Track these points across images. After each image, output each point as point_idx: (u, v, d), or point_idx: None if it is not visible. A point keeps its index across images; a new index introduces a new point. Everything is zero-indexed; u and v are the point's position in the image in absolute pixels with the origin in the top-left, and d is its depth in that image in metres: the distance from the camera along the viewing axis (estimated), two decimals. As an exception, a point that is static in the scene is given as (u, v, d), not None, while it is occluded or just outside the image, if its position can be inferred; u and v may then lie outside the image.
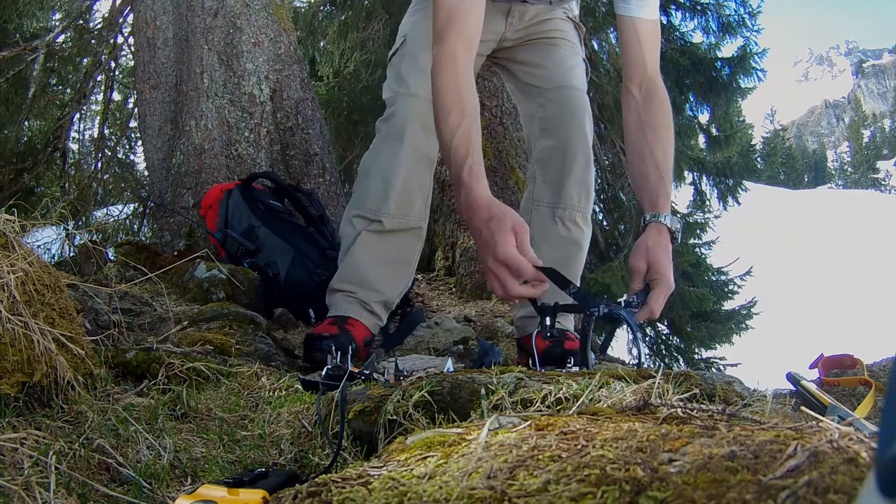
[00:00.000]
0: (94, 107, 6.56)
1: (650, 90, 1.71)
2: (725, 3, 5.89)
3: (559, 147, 1.90)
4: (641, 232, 1.60)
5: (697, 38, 6.04)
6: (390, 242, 1.87)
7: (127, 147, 6.23)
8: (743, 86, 5.93)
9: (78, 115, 5.92)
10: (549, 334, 1.51)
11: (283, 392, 1.25)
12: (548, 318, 1.50)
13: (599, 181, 5.58)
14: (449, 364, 1.28)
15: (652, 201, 1.60)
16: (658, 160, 1.63)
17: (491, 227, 1.32)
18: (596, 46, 5.67)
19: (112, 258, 2.83)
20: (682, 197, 6.75)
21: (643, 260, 1.51)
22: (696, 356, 6.42)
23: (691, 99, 6.03)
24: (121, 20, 5.29)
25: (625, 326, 1.44)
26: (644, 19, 1.71)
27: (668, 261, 1.51)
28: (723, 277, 6.79)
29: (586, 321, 1.42)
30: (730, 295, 6.71)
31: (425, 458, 0.55)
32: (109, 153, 5.98)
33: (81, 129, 6.80)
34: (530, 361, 1.66)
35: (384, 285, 1.89)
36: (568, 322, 1.95)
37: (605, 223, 5.74)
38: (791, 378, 1.19)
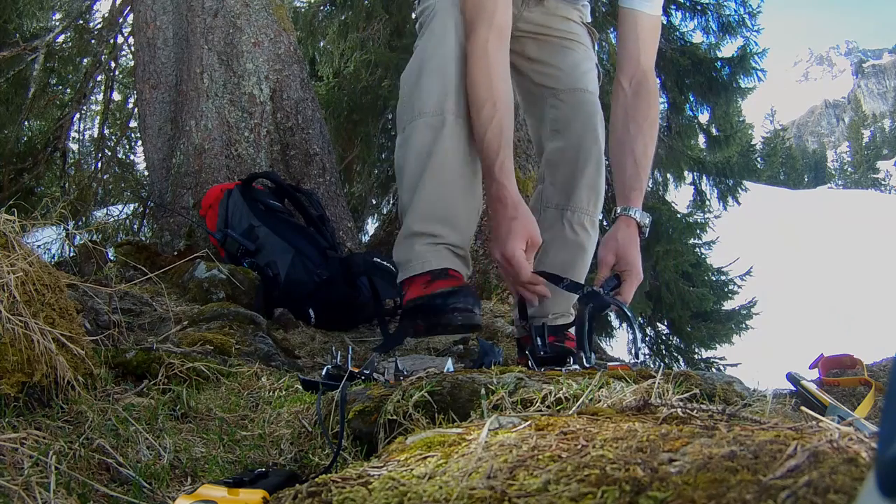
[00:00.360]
0: (94, 107, 6.56)
1: (640, 84, 1.71)
2: (725, 3, 5.91)
3: (570, 149, 1.85)
4: (611, 224, 1.64)
5: (697, 38, 6.06)
6: (462, 147, 1.59)
7: (127, 147, 6.24)
8: (743, 86, 5.94)
9: (78, 115, 5.92)
10: (542, 353, 1.50)
11: (283, 392, 1.25)
12: (539, 339, 1.52)
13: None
14: (449, 364, 1.27)
15: (625, 195, 1.64)
16: (637, 154, 1.65)
17: (510, 227, 1.40)
18: (596, 46, 5.68)
19: (112, 258, 2.83)
20: (682, 197, 6.76)
21: (612, 253, 1.58)
22: (696, 356, 6.43)
23: (691, 99, 6.04)
24: (121, 20, 5.29)
25: (623, 325, 1.48)
26: (646, 13, 1.70)
27: (637, 253, 1.58)
28: (723, 277, 6.80)
29: (581, 309, 1.46)
30: (730, 295, 6.72)
31: (425, 458, 0.55)
32: (109, 153, 5.99)
33: (81, 129, 6.81)
34: (530, 362, 1.67)
35: (469, 219, 1.62)
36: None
37: (604, 223, 5.74)
38: (791, 378, 1.19)
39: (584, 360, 1.39)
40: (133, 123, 5.98)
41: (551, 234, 1.83)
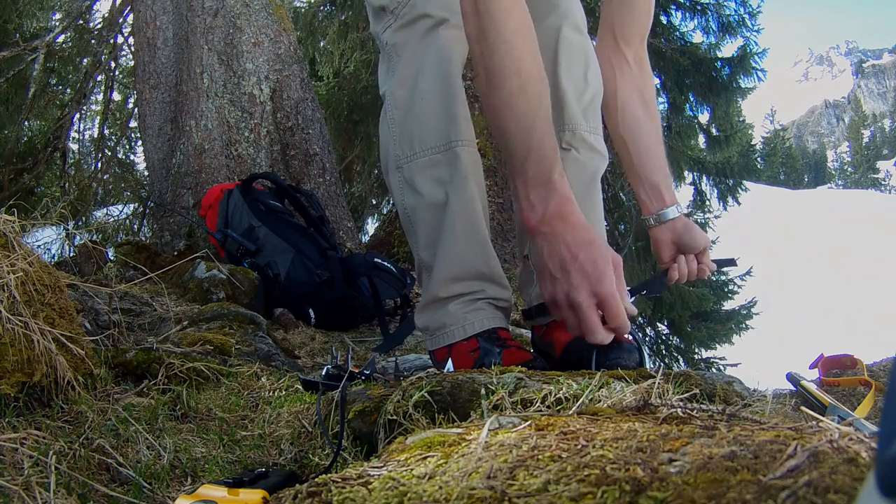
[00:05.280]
0: (94, 107, 6.57)
1: (642, 60, 1.52)
2: (725, 3, 5.91)
3: (546, 48, 1.41)
4: (657, 225, 1.45)
5: (697, 38, 6.07)
6: (479, 181, 1.35)
7: (127, 147, 6.25)
8: (743, 86, 5.95)
9: (78, 115, 5.93)
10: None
11: (283, 392, 1.25)
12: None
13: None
14: (449, 364, 1.27)
15: (667, 193, 1.46)
16: (661, 147, 1.50)
17: (594, 255, 1.05)
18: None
19: (112, 258, 2.83)
20: (682, 197, 6.76)
21: (674, 249, 1.45)
22: (696, 356, 6.43)
23: (691, 99, 6.04)
24: (121, 20, 5.29)
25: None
26: None
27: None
28: (723, 277, 6.80)
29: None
30: (730, 295, 6.73)
31: (425, 458, 0.55)
32: (109, 153, 6.00)
33: (81, 129, 6.82)
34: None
35: (497, 263, 1.35)
36: None
37: (605, 223, 5.75)
38: (791, 378, 1.19)
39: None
40: (133, 123, 5.99)
41: None
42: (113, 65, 5.85)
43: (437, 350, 1.35)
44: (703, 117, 6.32)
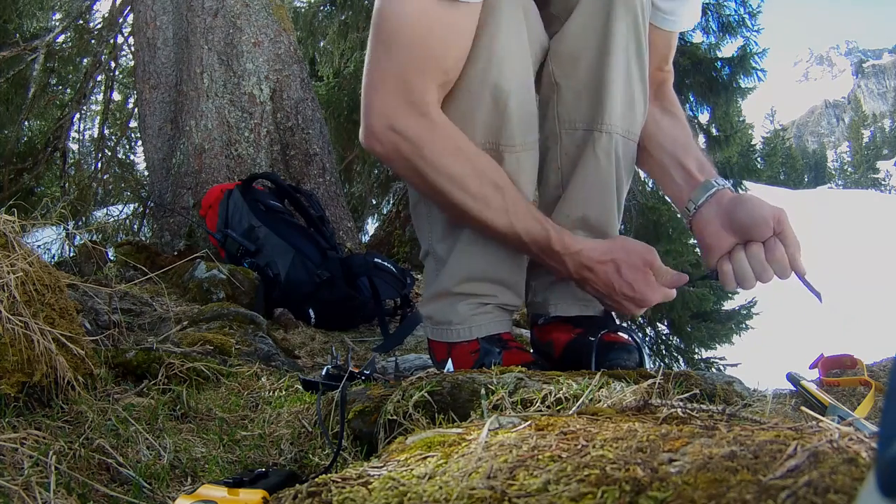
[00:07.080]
0: (94, 107, 6.57)
1: (663, 83, 1.44)
2: (725, 3, 5.91)
3: (592, 29, 1.25)
4: (705, 202, 1.26)
5: (697, 38, 6.07)
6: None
7: (127, 147, 6.24)
8: (743, 86, 5.95)
9: (78, 115, 5.93)
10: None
11: (283, 392, 1.25)
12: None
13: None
14: (449, 364, 1.27)
15: (700, 170, 1.30)
16: (691, 140, 1.37)
17: (623, 275, 1.20)
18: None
19: (112, 258, 2.83)
20: (682, 197, 6.75)
21: (733, 229, 1.27)
22: (696, 356, 6.43)
23: (691, 99, 6.05)
24: (121, 20, 5.29)
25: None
26: (664, 31, 1.38)
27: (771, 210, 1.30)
28: (723, 277, 6.80)
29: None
30: (730, 295, 6.72)
31: (425, 458, 0.55)
32: (109, 153, 5.99)
33: (81, 129, 6.81)
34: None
35: (520, 271, 1.33)
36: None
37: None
38: (791, 378, 1.19)
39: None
40: (133, 123, 5.98)
41: (577, 166, 1.31)
42: (113, 65, 5.85)
43: (437, 343, 1.35)
44: (704, 117, 6.32)
